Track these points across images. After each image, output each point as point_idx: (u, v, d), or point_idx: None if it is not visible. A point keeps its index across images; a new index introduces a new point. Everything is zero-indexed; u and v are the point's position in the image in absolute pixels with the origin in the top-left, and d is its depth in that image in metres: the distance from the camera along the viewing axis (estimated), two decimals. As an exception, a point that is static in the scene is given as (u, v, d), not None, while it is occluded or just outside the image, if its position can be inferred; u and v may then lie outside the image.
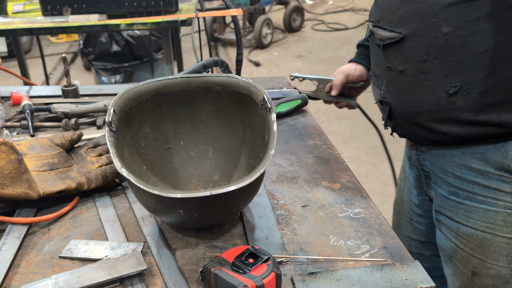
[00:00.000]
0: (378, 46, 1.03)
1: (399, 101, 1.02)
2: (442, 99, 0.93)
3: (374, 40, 1.05)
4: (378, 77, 1.08)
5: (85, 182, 0.90)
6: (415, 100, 0.97)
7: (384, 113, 1.10)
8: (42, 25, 1.76)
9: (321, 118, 3.63)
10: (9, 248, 0.77)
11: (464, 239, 1.02)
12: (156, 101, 0.87)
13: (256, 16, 5.57)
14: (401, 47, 0.96)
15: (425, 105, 0.96)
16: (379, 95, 1.08)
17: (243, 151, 0.91)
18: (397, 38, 0.96)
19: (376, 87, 1.10)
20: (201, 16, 1.85)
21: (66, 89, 1.34)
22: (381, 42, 1.01)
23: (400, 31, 0.96)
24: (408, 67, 0.96)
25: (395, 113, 1.04)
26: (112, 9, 1.84)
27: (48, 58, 4.79)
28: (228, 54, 5.37)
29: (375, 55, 1.07)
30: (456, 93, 0.91)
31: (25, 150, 0.92)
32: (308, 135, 1.16)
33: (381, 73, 1.05)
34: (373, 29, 1.05)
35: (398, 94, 1.01)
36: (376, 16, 1.04)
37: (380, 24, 1.01)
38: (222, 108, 0.90)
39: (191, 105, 0.90)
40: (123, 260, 0.72)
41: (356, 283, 0.68)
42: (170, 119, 0.91)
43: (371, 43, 1.10)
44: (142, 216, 0.86)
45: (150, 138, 0.89)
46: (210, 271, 0.65)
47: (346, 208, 0.87)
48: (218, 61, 1.34)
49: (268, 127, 0.80)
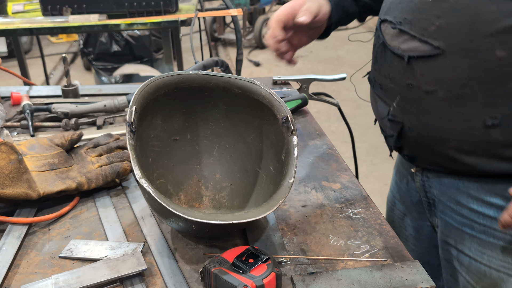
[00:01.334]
0: (397, 56, 0.85)
1: (417, 124, 0.87)
2: (477, 129, 0.80)
3: (389, 47, 0.88)
4: (388, 91, 0.91)
5: (85, 182, 0.90)
6: (441, 126, 0.83)
7: (390, 132, 0.95)
8: (42, 25, 1.76)
9: (321, 118, 3.63)
10: (9, 248, 0.77)
11: (476, 276, 0.91)
12: (172, 94, 0.86)
13: (256, 16, 5.57)
14: (435, 64, 0.80)
15: (454, 134, 0.82)
16: (386, 112, 0.93)
17: (250, 157, 0.89)
18: (431, 53, 0.80)
19: (381, 101, 0.94)
20: (201, 16, 1.85)
21: (66, 89, 1.34)
22: (405, 53, 0.83)
23: (437, 45, 0.79)
24: (440, 89, 0.81)
25: (408, 135, 0.90)
26: (112, 9, 1.84)
27: (48, 58, 4.79)
28: (228, 54, 5.37)
29: (388, 65, 0.89)
30: (495, 126, 0.78)
31: (25, 150, 0.92)
32: (308, 135, 1.16)
33: (394, 88, 0.89)
34: (392, 31, 0.87)
35: (419, 116, 0.86)
36: (399, 16, 0.85)
37: (406, 28, 0.83)
38: (236, 110, 0.88)
39: (206, 102, 0.89)
40: (123, 260, 0.72)
41: (356, 283, 0.68)
42: (181, 112, 0.89)
43: (379, 47, 0.92)
44: (142, 216, 0.86)
45: (159, 130, 0.88)
46: (210, 271, 0.65)
47: (346, 208, 0.87)
48: (218, 61, 1.35)
49: (288, 150, 0.78)
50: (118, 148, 1.00)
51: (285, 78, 1.45)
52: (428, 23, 0.80)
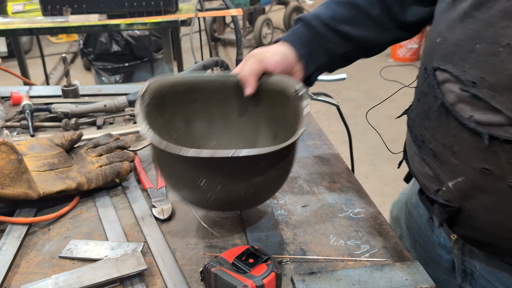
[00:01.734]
0: (469, 129, 0.62)
1: (486, 219, 0.66)
2: None
3: (456, 113, 0.64)
4: (444, 165, 0.69)
5: (85, 182, 0.90)
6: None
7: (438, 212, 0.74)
8: (42, 25, 1.76)
9: (321, 118, 3.63)
10: (9, 248, 0.77)
11: None
12: (191, 95, 0.86)
13: (256, 16, 5.58)
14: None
15: None
16: (436, 189, 0.72)
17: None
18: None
19: (431, 170, 0.72)
20: (201, 16, 1.85)
21: (66, 89, 1.34)
22: (484, 129, 0.60)
23: None
24: None
25: (467, 222, 0.70)
26: (112, 9, 1.84)
27: (48, 58, 4.79)
28: (228, 54, 5.37)
29: (452, 135, 0.65)
30: None
31: (25, 150, 0.92)
32: (308, 135, 1.16)
33: (458, 165, 0.66)
34: (458, 92, 0.62)
35: (491, 211, 0.65)
36: (471, 72, 0.60)
37: (484, 96, 0.59)
38: (255, 109, 0.88)
39: (225, 105, 0.88)
40: (123, 260, 0.72)
41: (356, 283, 0.68)
42: (203, 117, 0.89)
43: (436, 105, 0.68)
44: (142, 216, 0.86)
45: (182, 132, 0.88)
46: (210, 271, 0.65)
47: (346, 208, 0.87)
48: (218, 61, 1.35)
49: (299, 113, 0.75)
50: (118, 148, 1.00)
51: None
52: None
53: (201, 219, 0.85)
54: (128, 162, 0.96)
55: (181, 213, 0.87)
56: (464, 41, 0.61)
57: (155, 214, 0.86)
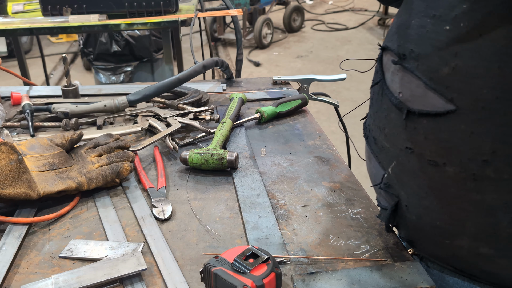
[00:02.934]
0: (394, 105, 0.64)
1: (417, 204, 0.66)
2: (501, 228, 0.58)
3: (387, 90, 0.66)
4: (382, 151, 0.70)
5: (85, 182, 0.90)
6: (449, 215, 0.62)
7: (383, 203, 0.75)
8: (42, 25, 1.76)
9: (321, 118, 3.63)
10: (9, 248, 0.77)
11: None
12: None
13: (256, 16, 5.57)
14: (445, 127, 0.57)
15: (467, 229, 0.61)
16: (380, 177, 0.72)
17: None
18: (440, 110, 0.57)
19: (376, 160, 0.73)
20: (201, 16, 1.85)
21: (66, 89, 1.34)
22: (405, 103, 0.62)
23: (450, 97, 0.56)
24: (450, 163, 0.58)
25: (406, 215, 0.69)
26: (112, 9, 1.84)
27: (48, 58, 4.79)
28: (228, 54, 5.37)
29: (384, 115, 0.67)
30: None
31: (25, 150, 0.92)
32: (308, 135, 1.16)
33: (390, 149, 0.67)
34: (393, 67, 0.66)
35: (419, 194, 0.64)
36: (404, 45, 0.63)
37: (410, 65, 0.61)
38: None
39: None
40: (123, 260, 0.72)
41: (356, 283, 0.68)
42: None
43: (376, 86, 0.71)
44: (142, 216, 0.86)
45: None
46: (210, 271, 0.65)
47: (346, 208, 0.87)
48: (218, 61, 1.35)
49: None
50: (118, 148, 1.00)
51: (285, 78, 1.45)
52: (440, 63, 0.56)
53: (201, 219, 0.85)
54: (128, 162, 0.96)
55: (181, 213, 0.87)
56: (404, 19, 0.64)
57: (155, 214, 0.86)
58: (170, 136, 1.10)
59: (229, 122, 1.14)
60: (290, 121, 1.23)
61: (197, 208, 0.89)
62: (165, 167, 1.02)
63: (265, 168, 1.01)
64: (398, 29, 0.66)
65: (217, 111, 1.24)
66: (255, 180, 0.97)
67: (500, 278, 0.63)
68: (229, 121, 1.14)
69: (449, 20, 0.56)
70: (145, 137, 1.16)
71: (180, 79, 1.21)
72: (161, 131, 1.11)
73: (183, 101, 1.26)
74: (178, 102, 1.25)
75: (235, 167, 1.00)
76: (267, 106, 1.24)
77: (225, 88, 1.44)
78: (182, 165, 1.03)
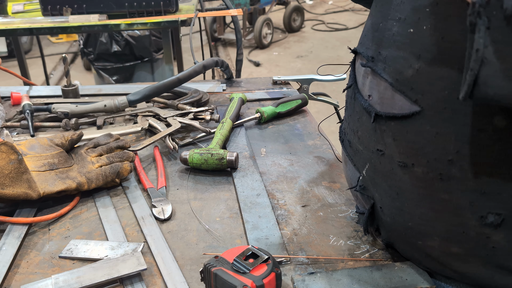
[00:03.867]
0: (367, 112, 0.65)
1: (390, 206, 0.66)
2: (470, 227, 0.58)
3: (358, 93, 0.68)
4: (357, 153, 0.71)
5: (85, 182, 0.90)
6: (419, 216, 0.62)
7: (361, 206, 0.76)
8: (42, 25, 1.76)
9: (321, 118, 3.62)
10: (9, 248, 0.77)
11: None
12: None
13: (256, 16, 5.57)
14: (411, 128, 0.59)
15: (437, 229, 0.61)
16: (356, 179, 0.73)
17: None
18: (405, 111, 0.59)
19: (351, 164, 0.74)
20: (201, 16, 1.85)
21: (66, 89, 1.34)
22: (373, 106, 0.63)
23: (415, 99, 0.57)
24: (417, 164, 0.59)
25: (381, 217, 0.70)
26: (112, 9, 1.84)
27: (48, 58, 4.79)
28: (228, 54, 5.37)
29: (357, 118, 0.69)
30: (497, 226, 0.56)
31: (25, 150, 0.92)
32: (308, 135, 1.16)
33: (363, 151, 0.69)
34: (363, 71, 0.67)
35: (391, 195, 0.65)
36: (373, 48, 0.64)
37: (378, 68, 0.63)
38: None
39: None
40: (123, 260, 0.72)
41: (356, 283, 0.68)
42: None
43: (350, 90, 0.73)
44: (142, 216, 0.86)
45: None
46: (210, 271, 0.65)
47: (346, 208, 0.87)
48: (218, 61, 1.35)
49: None
50: (118, 148, 1.00)
51: (285, 78, 1.45)
52: (405, 65, 0.57)
53: (201, 219, 0.85)
54: (128, 162, 0.96)
55: (181, 213, 0.87)
56: (373, 22, 0.66)
57: (155, 214, 0.86)
58: (170, 136, 1.10)
59: (229, 122, 1.14)
60: (290, 121, 1.23)
61: (197, 208, 0.89)
62: (165, 167, 1.02)
63: (265, 168, 1.01)
64: (367, 32, 0.67)
65: (217, 111, 1.24)
66: (255, 180, 0.97)
67: (472, 278, 0.63)
68: (229, 121, 1.14)
69: (412, 23, 0.57)
70: (145, 137, 1.16)
71: (180, 79, 1.21)
72: (161, 131, 1.11)
73: (183, 101, 1.26)
74: (178, 102, 1.25)
75: (235, 167, 1.00)
76: (267, 106, 1.24)
77: (225, 88, 1.44)
78: (182, 165, 1.03)
